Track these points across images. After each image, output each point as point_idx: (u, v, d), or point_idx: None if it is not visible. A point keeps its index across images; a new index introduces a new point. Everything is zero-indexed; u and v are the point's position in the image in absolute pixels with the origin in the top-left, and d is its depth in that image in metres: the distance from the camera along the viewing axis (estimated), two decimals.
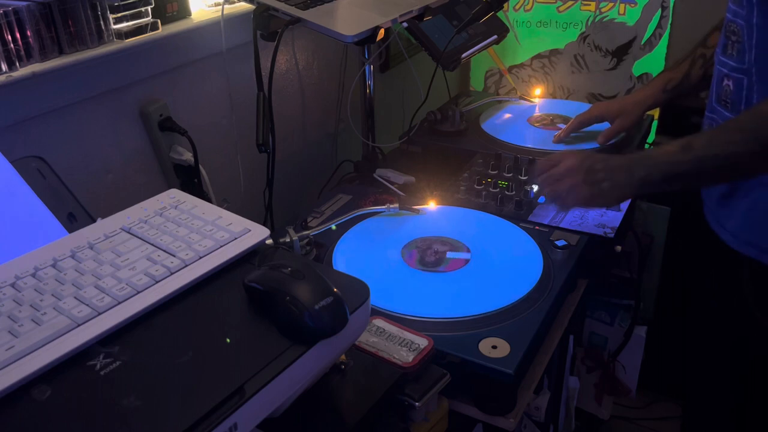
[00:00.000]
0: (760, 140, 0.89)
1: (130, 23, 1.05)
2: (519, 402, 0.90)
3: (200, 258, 0.65)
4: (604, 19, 1.92)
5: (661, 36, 1.88)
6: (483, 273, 1.02)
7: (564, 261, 1.05)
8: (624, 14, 1.90)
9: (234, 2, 1.24)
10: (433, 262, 1.04)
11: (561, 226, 1.13)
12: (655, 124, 1.79)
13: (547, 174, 1.05)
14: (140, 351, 0.56)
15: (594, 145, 1.40)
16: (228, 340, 0.58)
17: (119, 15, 1.03)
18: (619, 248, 1.17)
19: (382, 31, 1.18)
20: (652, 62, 1.91)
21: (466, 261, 1.03)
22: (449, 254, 1.05)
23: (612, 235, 1.11)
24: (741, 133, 0.91)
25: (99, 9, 1.00)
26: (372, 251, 1.08)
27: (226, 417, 0.51)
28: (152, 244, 0.66)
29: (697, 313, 1.23)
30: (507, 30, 1.56)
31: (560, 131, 1.44)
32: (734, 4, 1.03)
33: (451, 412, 0.85)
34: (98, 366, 0.54)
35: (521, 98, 1.69)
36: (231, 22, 1.20)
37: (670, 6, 1.84)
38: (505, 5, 1.71)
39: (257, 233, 0.69)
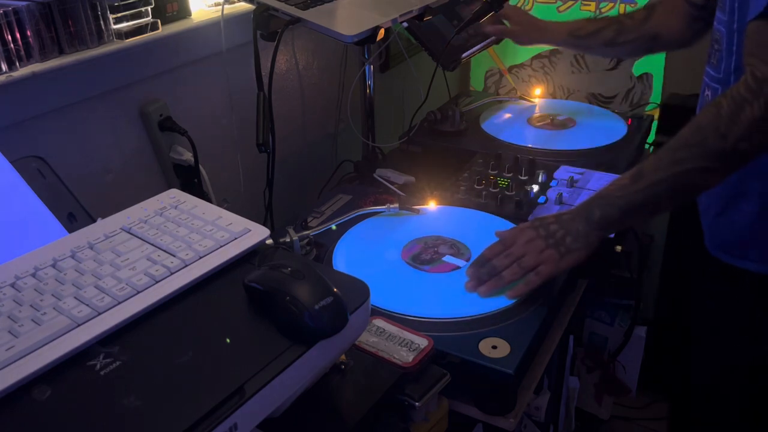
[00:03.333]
0: (706, 154, 0.87)
1: (130, 23, 1.05)
2: (519, 402, 0.90)
3: (200, 258, 0.65)
4: None
5: None
6: None
7: None
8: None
9: (234, 2, 1.24)
10: (429, 261, 1.04)
11: None
12: (655, 124, 1.79)
13: (506, 254, 0.97)
14: (140, 351, 0.56)
15: (583, 145, 1.40)
16: (228, 340, 0.58)
17: (119, 15, 1.03)
18: (619, 248, 1.17)
19: (382, 31, 1.18)
20: (652, 62, 1.91)
21: (456, 267, 1.03)
22: (446, 258, 1.05)
23: (612, 235, 1.11)
24: (687, 149, 0.89)
25: (99, 9, 1.00)
26: (372, 251, 1.08)
27: (226, 417, 0.51)
28: (152, 244, 0.66)
29: (696, 314, 1.23)
30: None
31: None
32: (719, 11, 1.02)
33: (451, 412, 0.85)
34: (98, 366, 0.54)
35: (521, 98, 1.69)
36: (231, 22, 1.20)
37: None
38: (505, 5, 1.71)
39: (257, 233, 0.69)
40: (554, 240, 0.96)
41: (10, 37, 0.90)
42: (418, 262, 1.04)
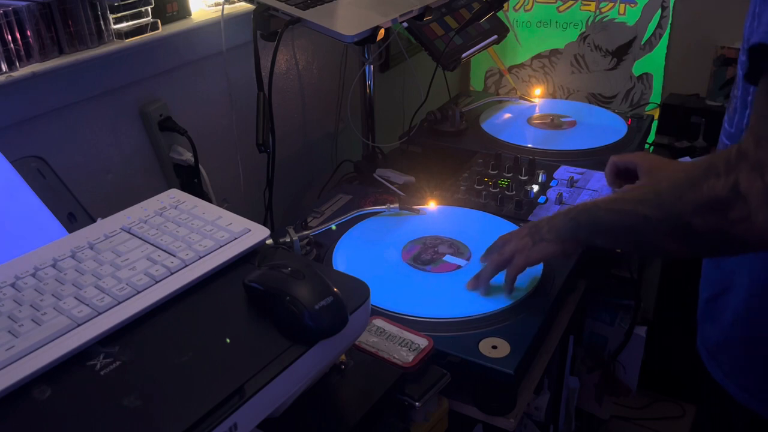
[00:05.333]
0: (665, 209, 0.74)
1: (130, 23, 1.05)
2: (519, 402, 0.90)
3: (200, 258, 0.65)
4: (604, 19, 1.92)
5: (661, 36, 1.88)
6: None
7: (564, 261, 1.05)
8: (624, 14, 1.90)
9: (234, 2, 1.24)
10: (429, 261, 1.04)
11: None
12: (655, 124, 1.79)
13: (495, 246, 0.98)
14: (140, 351, 0.56)
15: (583, 145, 1.40)
16: (228, 340, 0.58)
17: (119, 15, 1.03)
18: (619, 248, 1.17)
19: (382, 31, 1.18)
20: (652, 62, 1.91)
21: (458, 267, 1.03)
22: (446, 258, 1.05)
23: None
24: (655, 195, 0.76)
25: (99, 9, 1.00)
26: (372, 251, 1.08)
27: (226, 417, 0.51)
28: (152, 244, 0.66)
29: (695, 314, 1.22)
30: (507, 30, 1.56)
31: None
32: (742, 52, 0.82)
33: (451, 412, 0.85)
34: (98, 366, 0.54)
35: (521, 98, 1.69)
36: (231, 22, 1.20)
37: (670, 6, 1.84)
38: (505, 5, 1.71)
39: (257, 233, 0.69)
40: (536, 229, 0.95)
41: (10, 37, 0.90)
42: (419, 262, 1.04)
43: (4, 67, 0.89)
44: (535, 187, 1.23)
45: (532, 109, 1.64)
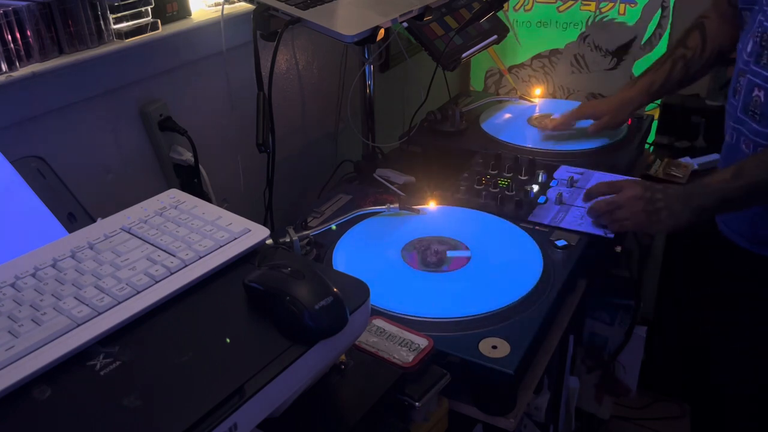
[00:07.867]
0: None
1: (130, 23, 1.05)
2: (519, 402, 0.90)
3: (200, 258, 0.65)
4: (604, 19, 1.92)
5: (661, 36, 1.88)
6: (483, 273, 1.02)
7: (564, 261, 1.05)
8: (624, 14, 1.90)
9: (234, 2, 1.24)
10: (433, 262, 1.04)
11: (561, 226, 1.13)
12: (655, 124, 1.79)
13: (608, 201, 1.11)
14: (140, 351, 0.56)
15: (583, 145, 1.40)
16: (228, 340, 0.58)
17: (119, 15, 1.03)
18: (619, 248, 1.17)
19: (382, 31, 1.18)
20: (652, 62, 1.91)
21: (468, 258, 1.03)
22: (449, 253, 1.05)
23: (612, 235, 1.11)
24: None
25: (99, 9, 1.00)
26: (372, 251, 1.08)
27: (226, 417, 0.51)
28: (152, 244, 0.66)
29: (695, 315, 1.23)
30: (507, 30, 1.56)
31: (550, 125, 1.45)
32: None
33: (451, 412, 0.85)
34: (98, 366, 0.54)
35: (521, 98, 1.69)
36: (231, 22, 1.20)
37: (670, 6, 1.84)
38: (505, 5, 1.71)
39: (257, 233, 0.69)
40: (653, 208, 1.06)
41: (10, 37, 0.90)
42: (428, 265, 1.03)
43: (4, 67, 0.89)
44: (535, 187, 1.23)
45: (532, 109, 1.64)
